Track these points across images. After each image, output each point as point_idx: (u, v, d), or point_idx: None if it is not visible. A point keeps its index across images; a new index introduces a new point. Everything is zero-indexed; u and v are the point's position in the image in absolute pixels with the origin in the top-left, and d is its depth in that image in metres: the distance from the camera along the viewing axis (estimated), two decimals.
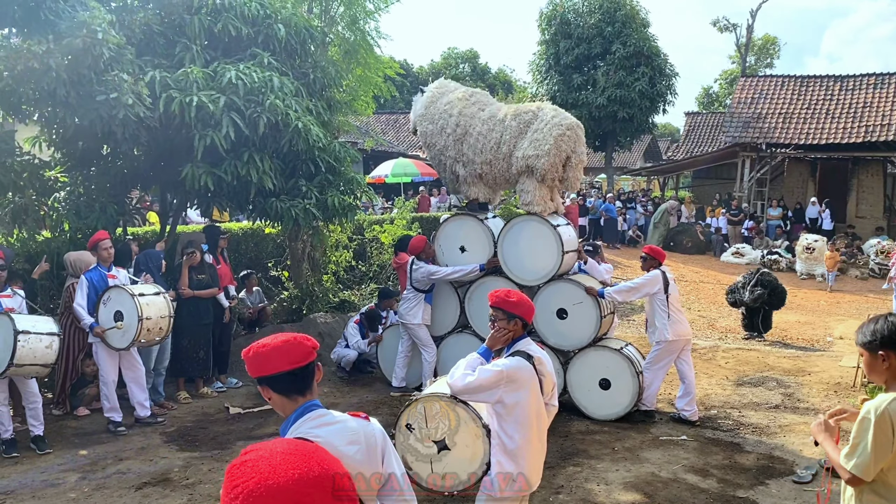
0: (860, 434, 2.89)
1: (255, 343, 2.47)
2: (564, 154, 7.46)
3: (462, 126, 7.86)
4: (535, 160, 7.40)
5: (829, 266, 16.86)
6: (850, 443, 2.93)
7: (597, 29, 27.13)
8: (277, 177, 7.93)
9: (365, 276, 12.91)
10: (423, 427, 3.94)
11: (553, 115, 7.51)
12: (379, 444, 2.47)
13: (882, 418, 2.85)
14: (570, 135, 7.44)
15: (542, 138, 7.36)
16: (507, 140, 7.62)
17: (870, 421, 2.86)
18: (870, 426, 2.86)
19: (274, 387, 2.42)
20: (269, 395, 2.43)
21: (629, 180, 38.51)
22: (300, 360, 2.42)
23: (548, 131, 7.37)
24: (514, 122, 7.59)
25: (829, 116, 24.46)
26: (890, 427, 2.85)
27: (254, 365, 2.42)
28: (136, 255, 8.01)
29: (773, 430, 7.25)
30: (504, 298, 3.72)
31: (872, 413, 2.87)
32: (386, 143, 28.35)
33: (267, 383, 2.42)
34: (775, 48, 46.17)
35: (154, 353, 7.70)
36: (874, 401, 2.94)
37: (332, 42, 10.23)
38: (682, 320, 7.49)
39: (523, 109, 7.71)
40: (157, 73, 7.11)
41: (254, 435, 6.97)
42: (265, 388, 2.43)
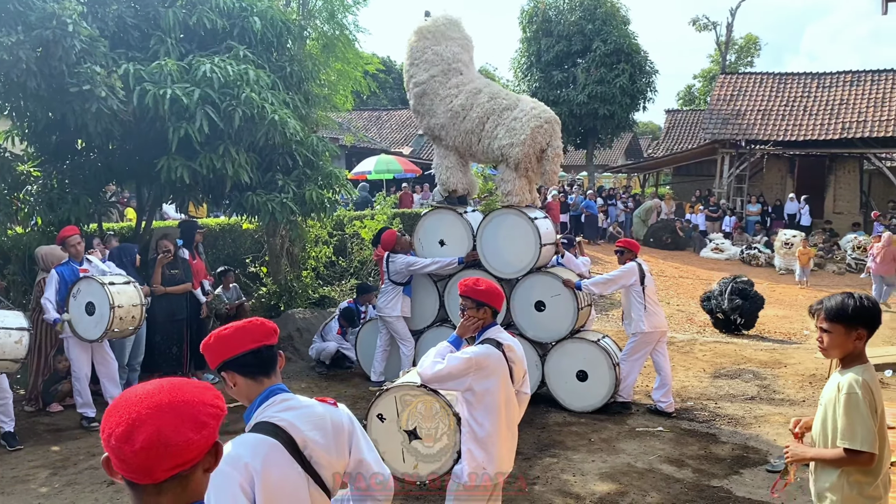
0: (852, 412, 2.91)
1: (212, 333, 2.43)
2: (539, 146, 7.48)
3: (430, 86, 7.79)
4: (510, 149, 7.41)
5: (801, 262, 16.87)
6: (843, 424, 2.93)
7: (577, 26, 27.24)
8: (254, 170, 7.87)
9: (345, 272, 12.87)
10: (395, 417, 3.93)
11: (532, 107, 7.52)
12: (346, 430, 2.45)
13: (865, 390, 2.92)
14: (546, 128, 7.46)
15: (519, 128, 7.37)
16: (473, 117, 7.60)
17: (857, 395, 2.91)
18: (859, 401, 2.90)
19: (240, 369, 2.37)
20: (235, 380, 2.39)
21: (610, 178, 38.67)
22: (264, 339, 2.41)
23: (525, 122, 7.39)
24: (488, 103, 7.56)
25: (806, 113, 24.72)
26: (872, 396, 2.92)
27: (218, 349, 2.38)
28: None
29: (748, 420, 7.31)
30: (472, 287, 3.73)
31: (857, 388, 2.92)
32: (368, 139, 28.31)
33: (231, 367, 2.38)
34: (756, 47, 46.52)
35: (127, 347, 7.63)
36: (846, 379, 2.97)
37: (310, 36, 10.17)
38: (658, 312, 7.54)
39: (498, 92, 7.68)
40: (130, 66, 7.03)
41: (230, 430, 6.88)
42: (230, 374, 2.39)
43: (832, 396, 3.03)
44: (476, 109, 7.60)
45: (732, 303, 11.47)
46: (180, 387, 1.60)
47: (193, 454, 1.54)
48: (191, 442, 1.52)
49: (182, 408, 1.54)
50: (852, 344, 3.02)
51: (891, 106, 23.52)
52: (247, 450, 2.23)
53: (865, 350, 3.09)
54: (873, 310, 3.02)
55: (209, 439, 1.56)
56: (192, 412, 1.54)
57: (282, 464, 2.26)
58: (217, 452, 1.63)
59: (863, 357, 3.07)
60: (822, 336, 3.08)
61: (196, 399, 1.58)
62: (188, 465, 1.54)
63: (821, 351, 3.16)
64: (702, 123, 28.36)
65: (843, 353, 3.06)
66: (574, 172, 36.48)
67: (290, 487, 2.27)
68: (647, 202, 24.24)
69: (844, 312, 2.99)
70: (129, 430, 1.50)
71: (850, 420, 2.91)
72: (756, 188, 25.64)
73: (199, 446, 1.54)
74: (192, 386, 1.63)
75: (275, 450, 2.26)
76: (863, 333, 3.00)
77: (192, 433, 1.52)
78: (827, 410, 3.05)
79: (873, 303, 3.05)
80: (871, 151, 23.83)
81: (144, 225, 9.35)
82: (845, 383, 2.95)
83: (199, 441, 1.54)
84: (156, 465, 1.50)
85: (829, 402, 3.05)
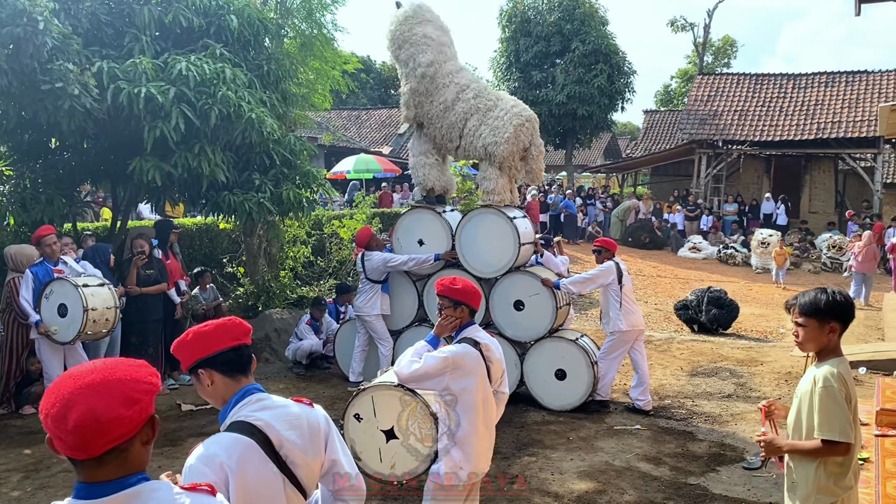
0: (828, 403, 2.98)
1: (192, 328, 2.42)
2: (522, 144, 7.50)
3: (430, 72, 7.73)
4: (495, 147, 7.42)
5: (778, 263, 16.84)
6: (820, 416, 2.99)
7: (556, 27, 27.34)
8: (230, 170, 7.81)
9: (324, 272, 12.81)
10: (371, 417, 3.91)
11: (513, 105, 7.54)
12: (322, 430, 2.45)
13: (841, 383, 3.00)
14: (528, 126, 7.49)
15: (502, 126, 7.38)
16: (459, 110, 7.58)
17: (834, 388, 2.99)
18: (835, 393, 2.98)
19: (219, 367, 2.37)
20: (212, 378, 2.37)
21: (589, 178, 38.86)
22: (241, 337, 2.42)
23: (508, 119, 7.39)
24: (474, 100, 7.55)
25: (782, 114, 25.02)
26: (847, 388, 3.01)
27: (196, 346, 2.37)
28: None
29: (725, 418, 7.36)
30: (449, 286, 3.72)
31: (833, 380, 2.99)
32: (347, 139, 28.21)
33: (210, 365, 2.37)
34: (733, 49, 46.95)
35: (102, 349, 7.53)
36: (821, 372, 3.05)
37: (288, 34, 10.11)
38: (636, 311, 7.58)
39: (487, 93, 7.65)
40: (104, 64, 6.95)
41: (206, 431, 6.85)
42: (208, 372, 2.37)
43: (808, 389, 3.09)
44: (462, 104, 7.60)
45: (709, 314, 11.62)
46: (113, 366, 1.70)
47: (127, 429, 1.63)
48: (122, 417, 1.61)
49: (113, 386, 1.64)
50: (826, 337, 3.10)
51: (865, 107, 23.86)
52: (222, 449, 2.23)
53: (840, 344, 3.17)
54: (845, 304, 3.09)
55: (142, 414, 1.65)
56: (123, 389, 1.63)
57: (257, 463, 2.26)
58: (153, 426, 1.72)
59: (838, 350, 3.15)
60: (798, 330, 3.17)
61: (128, 376, 1.67)
62: (123, 439, 1.63)
63: (797, 344, 3.24)
64: (679, 124, 28.58)
65: (817, 346, 3.14)
66: (554, 172, 36.57)
67: (265, 487, 2.27)
68: (625, 202, 24.41)
69: (817, 307, 3.08)
70: (63, 410, 1.59)
71: (827, 412, 2.97)
72: (733, 188, 25.90)
73: (132, 421, 1.63)
74: (126, 364, 1.73)
75: (250, 449, 2.25)
76: (836, 327, 3.08)
77: (123, 409, 1.61)
78: (802, 402, 3.12)
79: (845, 297, 3.12)
80: (845, 152, 24.15)
81: (120, 225, 9.24)
82: (821, 376, 3.02)
83: (132, 416, 1.62)
84: (91, 442, 1.59)
85: (804, 394, 3.12)
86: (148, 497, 1.68)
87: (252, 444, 2.25)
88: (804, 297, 3.16)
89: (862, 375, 8.61)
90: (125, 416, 1.61)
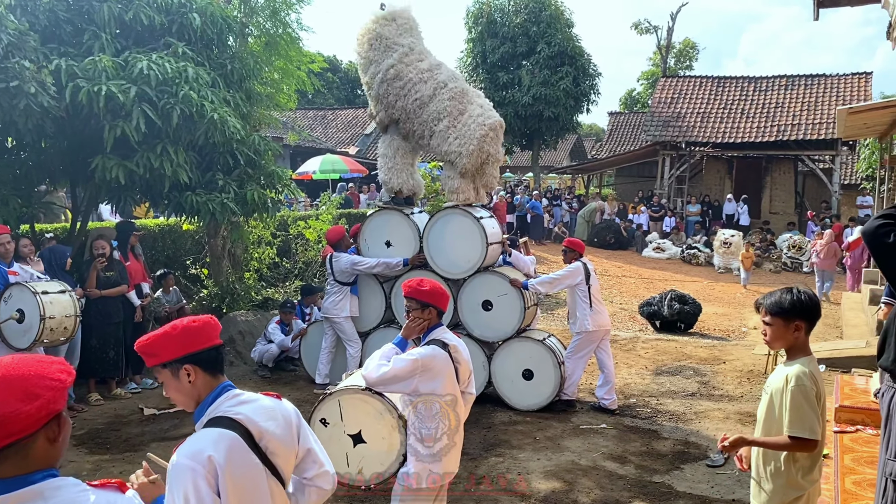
0: (800, 402, 3.05)
1: (175, 323, 2.41)
2: (486, 154, 7.53)
3: (396, 69, 7.68)
4: (459, 158, 7.43)
5: (745, 266, 16.82)
6: (791, 414, 3.06)
7: (522, 28, 27.48)
8: (193, 170, 7.69)
9: (290, 273, 12.69)
10: (338, 421, 3.87)
11: (479, 114, 7.50)
12: (294, 422, 2.51)
13: (812, 382, 3.07)
14: (492, 136, 7.50)
15: (468, 135, 7.37)
16: (432, 110, 7.55)
17: (806, 386, 3.05)
18: (807, 391, 3.05)
19: (203, 364, 2.38)
20: (196, 375, 2.37)
21: (556, 178, 39.14)
22: (219, 336, 2.47)
23: (474, 129, 7.38)
24: (448, 103, 7.53)
25: (743, 116, 25.47)
26: (817, 387, 3.08)
27: (185, 341, 2.36)
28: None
29: (688, 416, 7.45)
30: (416, 288, 3.70)
31: (805, 379, 3.07)
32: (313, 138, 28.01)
33: (195, 361, 2.36)
34: (694, 51, 47.63)
35: (61, 354, 7.36)
36: (794, 371, 3.12)
37: (252, 33, 9.99)
38: (603, 311, 7.64)
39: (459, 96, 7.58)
40: (63, 62, 6.79)
41: (169, 436, 6.74)
42: (192, 368, 2.36)
43: (780, 386, 3.15)
44: (436, 103, 7.56)
45: (672, 308, 11.75)
46: (21, 361, 1.71)
47: (25, 424, 1.62)
48: (20, 413, 1.61)
49: (14, 381, 1.64)
50: (792, 336, 3.17)
51: (823, 109, 24.39)
52: (208, 444, 2.24)
53: (808, 342, 3.24)
54: (810, 303, 3.16)
55: (43, 410, 1.65)
56: (24, 385, 1.64)
57: (243, 456, 2.29)
58: (59, 423, 1.71)
59: (806, 349, 3.22)
60: (766, 329, 3.24)
61: (32, 372, 1.68)
62: (22, 434, 1.63)
63: (766, 343, 3.32)
64: (643, 126, 28.94)
65: (785, 344, 3.21)
66: (520, 173, 36.79)
67: (251, 480, 2.31)
68: (591, 203, 24.62)
69: (782, 306, 3.15)
70: None
71: (798, 410, 3.04)
72: (696, 189, 26.28)
73: (32, 417, 1.63)
74: (35, 361, 1.73)
75: (235, 442, 2.28)
76: (801, 325, 3.15)
77: (22, 404, 1.61)
78: (774, 399, 3.18)
79: (810, 296, 3.18)
80: (804, 153, 24.67)
81: (79, 226, 9.04)
82: (794, 375, 3.09)
83: (31, 411, 1.62)
84: None
85: (776, 391, 3.18)
86: (51, 494, 1.67)
87: (236, 438, 2.28)
88: (771, 296, 3.23)
89: (821, 373, 8.78)
90: (23, 411, 1.61)
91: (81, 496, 1.72)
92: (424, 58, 7.82)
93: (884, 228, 3.07)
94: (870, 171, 23.70)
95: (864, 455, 5.39)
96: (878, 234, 3.07)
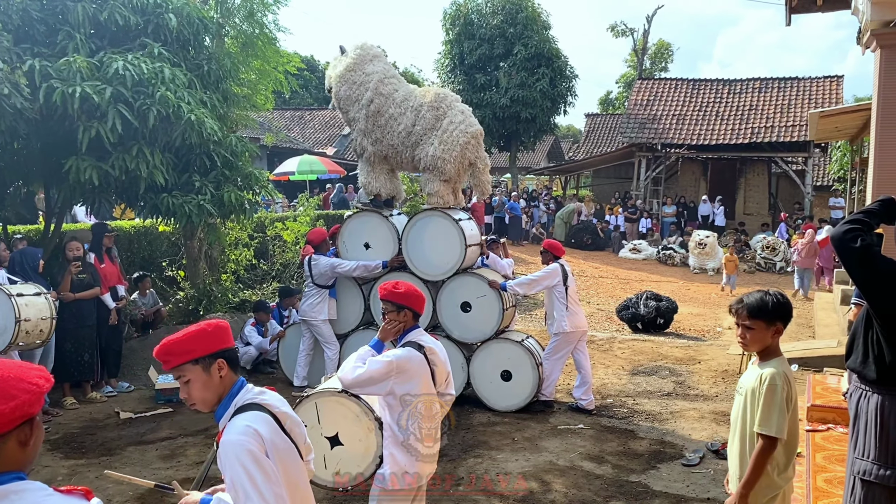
0: (770, 401, 3.12)
1: (205, 322, 2.58)
2: (468, 160, 7.57)
3: (376, 104, 7.75)
4: (443, 163, 7.46)
5: (728, 269, 16.25)
6: (761, 412, 3.13)
7: (499, 30, 27.58)
8: (169, 171, 7.62)
9: (267, 275, 12.63)
10: (316, 424, 3.88)
11: (461, 120, 7.52)
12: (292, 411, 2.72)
13: (785, 382, 3.15)
14: (474, 143, 7.55)
15: (451, 141, 7.40)
16: (417, 132, 7.61)
17: (778, 387, 3.13)
18: (778, 390, 3.13)
19: (229, 360, 2.55)
20: (224, 370, 2.52)
21: (533, 180, 39.30)
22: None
23: (457, 135, 7.42)
24: (429, 115, 7.57)
25: (718, 118, 25.77)
26: (789, 388, 3.16)
27: (219, 338, 2.54)
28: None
29: (664, 416, 7.54)
30: (392, 290, 3.72)
31: (778, 380, 3.14)
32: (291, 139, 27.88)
33: (225, 356, 2.54)
34: (669, 53, 48.07)
35: (36, 357, 7.27)
36: (767, 372, 3.18)
37: (228, 34, 9.94)
38: (580, 312, 7.70)
39: (437, 103, 7.61)
40: (36, 62, 6.71)
41: (146, 439, 6.69)
42: (221, 363, 2.52)
43: (754, 387, 3.21)
44: (420, 123, 7.60)
45: (648, 306, 11.88)
46: (1, 364, 1.75)
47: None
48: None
49: None
50: (771, 338, 3.24)
51: (796, 112, 24.75)
52: (252, 422, 2.43)
53: (779, 343, 3.32)
54: (788, 305, 3.25)
55: (17, 411, 1.68)
56: (1, 385, 1.68)
57: (279, 434, 2.51)
58: (32, 427, 1.74)
59: (778, 350, 3.29)
60: (745, 333, 3.27)
61: (11, 375, 1.72)
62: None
63: (742, 346, 3.37)
64: (620, 127, 29.17)
65: (762, 346, 3.27)
66: (498, 174, 36.89)
67: (289, 455, 2.53)
68: (569, 205, 24.74)
69: (765, 309, 3.20)
70: None
71: (768, 409, 3.12)
72: (671, 190, 26.54)
73: (5, 416, 1.66)
74: (15, 365, 1.77)
75: (272, 422, 2.50)
76: (780, 328, 3.23)
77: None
78: (747, 399, 3.25)
79: (785, 298, 3.26)
80: (778, 155, 25.01)
81: (53, 228, 8.93)
82: (767, 376, 3.16)
83: (4, 411, 1.65)
84: None
85: (749, 391, 3.24)
86: (16, 497, 1.69)
87: (272, 420, 2.49)
88: (750, 299, 3.26)
89: (793, 372, 8.92)
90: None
91: (46, 500, 1.73)
92: (399, 85, 7.89)
93: (850, 234, 3.13)
94: (841, 173, 24.17)
95: (836, 453, 5.50)
96: (844, 239, 3.14)
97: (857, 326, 3.31)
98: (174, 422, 7.23)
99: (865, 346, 3.22)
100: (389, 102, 7.74)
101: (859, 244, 3.09)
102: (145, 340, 9.08)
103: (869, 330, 3.21)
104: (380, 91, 7.76)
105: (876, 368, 3.15)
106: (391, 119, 7.72)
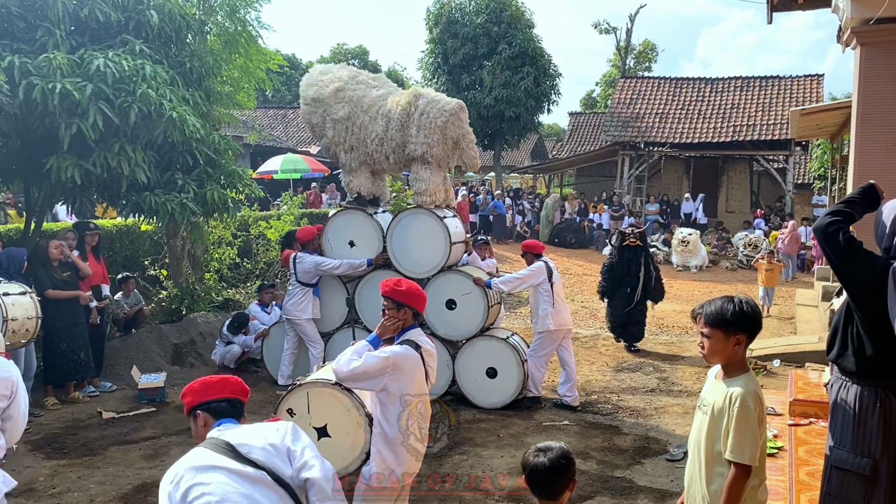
0: (744, 424, 2.84)
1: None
2: (451, 140, 7.52)
3: (349, 115, 7.74)
4: (428, 149, 7.42)
5: (768, 281, 12.99)
6: (734, 437, 2.85)
7: (483, 29, 27.57)
8: (151, 170, 7.57)
9: (251, 274, 12.57)
10: (305, 413, 3.87)
11: (435, 101, 7.48)
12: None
13: (756, 403, 2.88)
14: (453, 120, 7.46)
15: (430, 124, 7.36)
16: (392, 135, 7.60)
17: (750, 408, 2.85)
18: (751, 413, 2.85)
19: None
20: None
21: (518, 178, 39.37)
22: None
23: (434, 118, 7.38)
24: (398, 116, 7.57)
25: (700, 117, 25.94)
26: (759, 407, 2.89)
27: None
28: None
29: (648, 412, 7.58)
30: (394, 287, 3.71)
31: (750, 401, 2.86)
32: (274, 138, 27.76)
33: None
34: (653, 53, 48.31)
35: (21, 358, 7.18)
36: (737, 391, 2.89)
37: (211, 31, 9.88)
38: (564, 310, 7.72)
39: (405, 101, 7.62)
40: (15, 59, 6.63)
41: (129, 439, 6.63)
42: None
43: (722, 406, 2.92)
44: (394, 123, 7.57)
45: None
46: None
47: None
48: None
49: None
50: (732, 349, 2.94)
51: (777, 110, 24.97)
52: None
53: (746, 357, 3.04)
54: (753, 315, 2.94)
55: None
56: None
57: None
58: None
59: (745, 365, 3.01)
60: (703, 342, 3.00)
61: None
62: None
63: (703, 356, 3.07)
64: (603, 126, 29.26)
65: (724, 359, 2.99)
66: (482, 173, 36.92)
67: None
68: (547, 200, 24.73)
69: (723, 317, 2.92)
70: None
71: (742, 435, 2.84)
72: (654, 188, 26.69)
73: None
74: None
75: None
76: (742, 339, 2.93)
77: None
78: (714, 419, 2.96)
79: (753, 307, 2.96)
80: (759, 153, 25.22)
81: (34, 227, 8.84)
82: (738, 395, 2.87)
83: None
84: None
85: (718, 411, 2.95)
86: None
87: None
88: (710, 306, 2.98)
89: (776, 367, 9.00)
90: None
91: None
92: (368, 90, 7.89)
93: (833, 226, 3.10)
94: (822, 171, 24.43)
95: (818, 447, 5.54)
96: (827, 231, 3.11)
97: (838, 320, 3.31)
98: (157, 421, 7.18)
99: (845, 339, 3.16)
100: (358, 110, 7.75)
101: (842, 238, 3.06)
102: (127, 340, 9.01)
103: (849, 324, 3.21)
104: (350, 99, 7.77)
105: (855, 360, 3.14)
106: (363, 127, 7.72)
